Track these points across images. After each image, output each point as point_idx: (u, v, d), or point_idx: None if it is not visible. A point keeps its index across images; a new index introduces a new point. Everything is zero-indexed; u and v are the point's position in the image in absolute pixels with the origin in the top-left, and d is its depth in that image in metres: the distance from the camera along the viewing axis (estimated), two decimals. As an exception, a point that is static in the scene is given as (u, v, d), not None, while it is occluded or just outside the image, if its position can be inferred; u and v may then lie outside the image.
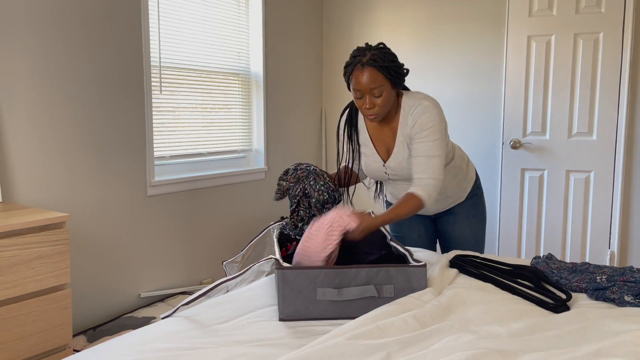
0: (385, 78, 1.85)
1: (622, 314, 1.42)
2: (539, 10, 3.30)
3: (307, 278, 1.48)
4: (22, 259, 1.98)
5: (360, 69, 1.84)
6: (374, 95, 1.86)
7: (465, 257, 1.91)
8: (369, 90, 1.85)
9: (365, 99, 1.88)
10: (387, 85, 1.86)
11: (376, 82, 1.84)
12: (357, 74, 1.85)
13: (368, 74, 1.83)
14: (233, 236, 3.57)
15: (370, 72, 1.83)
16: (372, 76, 1.83)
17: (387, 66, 1.83)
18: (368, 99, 1.87)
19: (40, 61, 2.44)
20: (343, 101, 4.21)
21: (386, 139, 2.03)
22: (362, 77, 1.84)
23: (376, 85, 1.84)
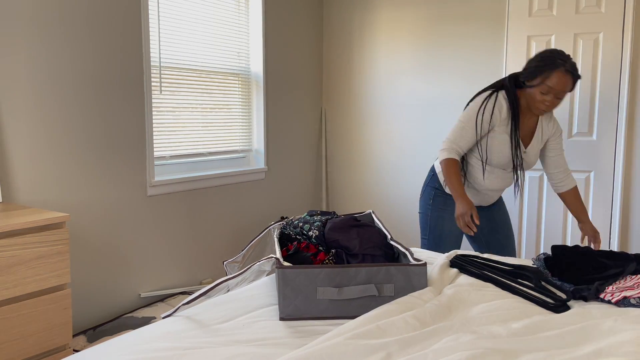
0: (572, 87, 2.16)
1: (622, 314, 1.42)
2: (539, 10, 3.30)
3: (307, 277, 1.48)
4: (22, 259, 1.98)
5: (566, 74, 2.11)
6: (558, 97, 2.15)
7: (466, 257, 1.91)
8: (559, 93, 2.14)
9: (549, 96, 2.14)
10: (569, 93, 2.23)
11: (568, 88, 2.14)
12: (562, 76, 2.11)
13: (568, 80, 2.12)
14: (233, 236, 3.57)
15: (569, 80, 2.13)
16: (569, 83, 2.13)
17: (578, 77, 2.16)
18: (551, 98, 2.15)
19: (40, 61, 2.44)
20: (343, 101, 4.22)
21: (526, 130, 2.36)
22: (567, 83, 2.12)
23: (567, 90, 2.14)
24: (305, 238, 1.88)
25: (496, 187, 2.43)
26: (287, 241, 1.94)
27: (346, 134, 4.23)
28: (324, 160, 4.32)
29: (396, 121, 3.98)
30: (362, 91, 4.12)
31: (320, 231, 1.86)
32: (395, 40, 3.93)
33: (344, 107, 4.22)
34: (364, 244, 1.79)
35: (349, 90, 4.19)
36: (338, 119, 4.26)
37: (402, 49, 3.90)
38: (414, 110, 3.90)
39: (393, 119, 3.99)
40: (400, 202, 4.02)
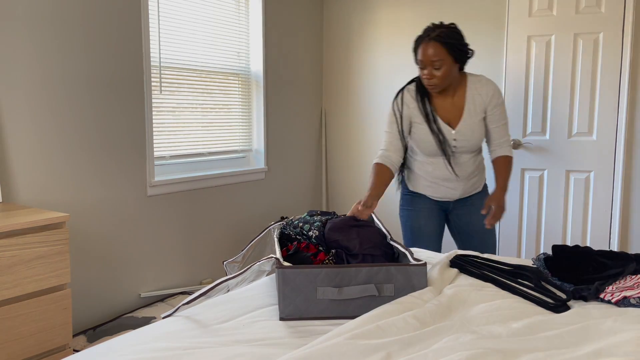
0: (447, 53, 2.10)
1: (622, 314, 1.42)
2: (539, 10, 3.30)
3: (307, 277, 1.48)
4: (22, 259, 1.98)
5: (426, 42, 2.11)
6: (434, 67, 2.11)
7: (466, 257, 1.91)
8: (431, 63, 2.10)
9: (426, 70, 2.14)
10: (449, 60, 2.11)
11: (438, 55, 2.09)
12: (424, 46, 2.12)
13: (432, 47, 2.09)
14: (233, 236, 3.57)
15: (435, 46, 2.09)
16: (435, 50, 2.09)
17: (451, 43, 2.09)
18: (428, 70, 2.12)
19: (41, 61, 2.44)
20: (343, 101, 4.22)
21: (450, 110, 2.26)
22: (427, 50, 2.10)
23: (437, 58, 2.11)
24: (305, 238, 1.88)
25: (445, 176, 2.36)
26: (287, 241, 1.94)
27: (346, 134, 4.23)
28: (324, 160, 4.32)
29: (396, 121, 3.98)
30: (362, 91, 4.11)
31: (320, 231, 1.86)
32: (395, 40, 3.92)
33: (344, 107, 4.22)
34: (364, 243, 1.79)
35: (349, 90, 4.19)
36: (338, 119, 4.26)
37: (402, 49, 3.90)
38: (414, 110, 3.90)
39: (393, 119, 3.99)
40: (400, 202, 4.02)
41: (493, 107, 2.27)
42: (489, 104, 2.26)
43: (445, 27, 2.13)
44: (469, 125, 2.26)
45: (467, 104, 2.25)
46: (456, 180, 2.35)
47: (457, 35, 2.13)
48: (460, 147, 2.28)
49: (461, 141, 2.27)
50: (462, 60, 2.17)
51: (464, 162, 2.33)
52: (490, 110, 2.27)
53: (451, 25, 2.14)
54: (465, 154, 2.32)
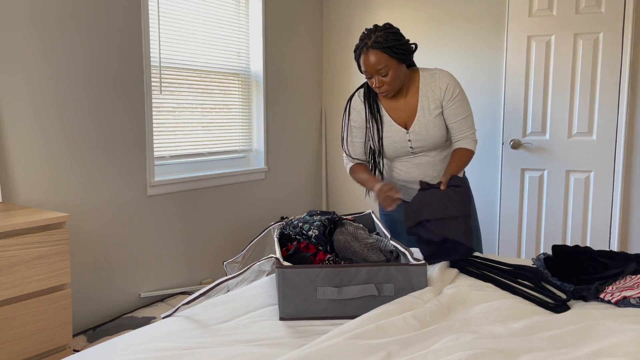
0: (389, 58, 2.00)
1: (622, 314, 1.42)
2: (539, 10, 3.30)
3: (307, 277, 1.48)
4: (22, 259, 1.98)
5: (365, 52, 2.00)
6: (381, 74, 2.02)
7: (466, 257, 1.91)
8: (376, 71, 2.01)
9: (374, 79, 2.04)
10: (393, 64, 2.01)
11: (381, 62, 1.99)
12: (364, 57, 2.01)
13: (373, 56, 1.99)
14: (233, 236, 3.57)
15: (375, 54, 1.99)
16: (376, 58, 1.99)
17: (390, 46, 1.98)
18: (376, 78, 2.03)
19: (40, 61, 2.44)
20: (343, 101, 4.21)
21: (404, 110, 2.17)
22: (368, 60, 2.00)
23: (381, 65, 1.99)
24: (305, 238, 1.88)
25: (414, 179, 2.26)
26: (287, 241, 1.93)
27: (346, 134, 4.22)
28: (324, 160, 4.32)
29: (396, 121, 3.98)
30: (362, 91, 4.11)
31: (320, 231, 1.85)
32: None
33: (344, 107, 4.22)
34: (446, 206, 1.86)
35: (349, 91, 4.19)
36: (338, 119, 4.26)
37: (402, 49, 3.89)
38: (414, 110, 3.90)
39: (393, 119, 3.99)
40: (400, 202, 4.02)
41: (448, 100, 2.11)
42: (443, 98, 2.11)
43: (380, 30, 2.01)
44: (423, 125, 2.13)
45: (420, 102, 2.13)
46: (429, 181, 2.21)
47: (394, 36, 2.01)
48: (418, 147, 2.17)
49: (417, 141, 2.16)
50: (406, 59, 2.05)
51: (428, 162, 2.22)
52: (446, 104, 2.11)
53: (385, 26, 2.03)
54: (428, 152, 2.20)
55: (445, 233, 1.86)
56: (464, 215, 1.91)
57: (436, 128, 2.14)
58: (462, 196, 1.93)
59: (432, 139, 2.15)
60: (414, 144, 2.16)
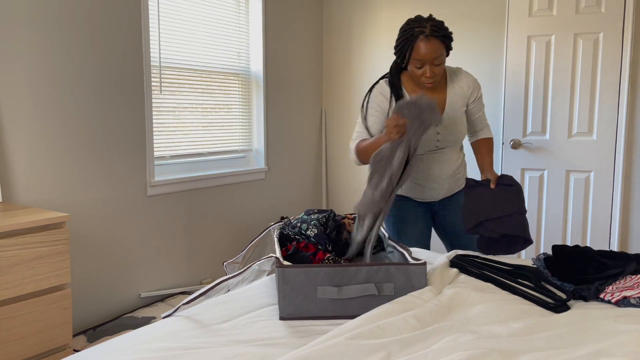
0: (444, 48, 2.01)
1: (622, 314, 1.42)
2: (539, 10, 3.30)
3: (307, 276, 1.48)
4: (22, 259, 1.98)
5: (424, 40, 1.96)
6: (434, 64, 2.00)
7: (466, 257, 1.91)
8: (432, 60, 1.99)
9: (426, 68, 2.01)
10: (444, 55, 2.03)
11: (438, 51, 1.98)
12: (421, 45, 1.97)
13: (433, 44, 1.96)
14: (233, 236, 3.57)
15: (434, 43, 1.97)
16: (435, 47, 1.97)
17: (446, 35, 1.99)
18: (429, 67, 2.00)
19: (41, 61, 2.44)
20: (343, 101, 4.22)
21: None
22: (427, 48, 1.96)
23: (438, 54, 1.98)
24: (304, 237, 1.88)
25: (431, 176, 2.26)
26: (287, 241, 1.94)
27: (346, 134, 4.23)
28: (324, 160, 4.32)
29: (396, 121, 3.98)
30: (362, 91, 4.11)
31: (319, 230, 1.86)
32: (395, 40, 3.92)
33: (344, 107, 4.22)
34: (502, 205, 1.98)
35: (349, 90, 4.19)
36: (338, 119, 4.26)
37: (402, 49, 3.89)
38: (414, 110, 3.90)
39: (393, 119, 3.99)
40: (400, 202, 4.02)
41: (474, 100, 2.23)
42: (470, 96, 2.22)
43: (431, 20, 2.01)
44: (452, 119, 2.18)
45: (448, 97, 2.17)
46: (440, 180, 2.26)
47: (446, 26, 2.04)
48: (444, 141, 2.20)
49: (445, 135, 2.19)
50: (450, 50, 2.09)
51: (448, 159, 2.25)
52: (472, 103, 2.23)
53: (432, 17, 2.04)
54: (449, 149, 2.25)
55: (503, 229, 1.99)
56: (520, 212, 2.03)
57: (462, 124, 2.21)
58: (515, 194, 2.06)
59: (458, 133, 2.21)
60: (441, 137, 2.19)
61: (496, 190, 2.06)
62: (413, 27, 1.99)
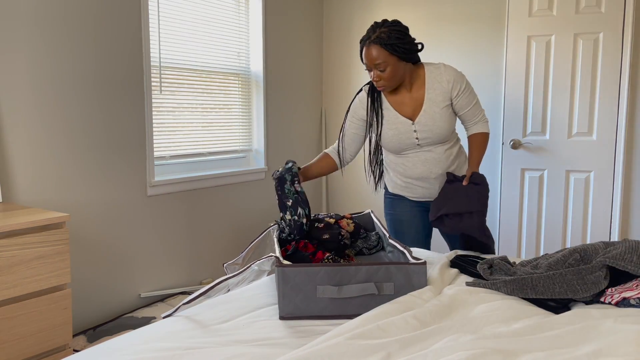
0: (389, 54, 2.04)
1: (622, 314, 1.42)
2: (539, 10, 3.30)
3: (307, 276, 1.48)
4: (22, 259, 1.98)
5: (367, 46, 2.05)
6: (379, 69, 2.06)
7: (466, 257, 1.91)
8: (374, 65, 2.06)
9: (372, 72, 2.08)
10: (392, 60, 2.05)
11: (379, 58, 2.03)
12: (365, 50, 2.06)
13: (373, 50, 2.04)
14: (233, 236, 3.57)
15: (375, 49, 2.04)
16: (375, 53, 2.04)
17: (392, 44, 2.02)
18: (374, 72, 2.08)
19: (41, 61, 2.44)
20: (343, 101, 4.22)
21: (410, 104, 2.20)
22: (369, 53, 2.06)
23: (380, 61, 2.04)
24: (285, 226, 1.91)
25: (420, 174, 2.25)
26: (286, 242, 1.94)
27: (346, 134, 4.23)
28: (324, 160, 4.32)
29: (396, 121, 3.98)
30: (362, 91, 4.11)
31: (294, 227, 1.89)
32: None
33: (344, 107, 4.22)
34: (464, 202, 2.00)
35: (349, 90, 4.19)
36: (338, 119, 4.26)
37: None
38: (414, 110, 3.90)
39: (393, 119, 3.99)
40: (400, 202, 4.02)
41: (458, 93, 2.17)
42: (451, 90, 2.17)
43: (386, 26, 2.04)
44: (430, 115, 2.16)
45: (427, 94, 2.17)
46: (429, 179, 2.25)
47: (397, 34, 2.03)
48: (423, 138, 2.18)
49: (423, 132, 2.17)
50: (408, 57, 2.07)
51: (435, 159, 2.22)
52: (456, 97, 2.18)
53: (393, 23, 2.06)
54: (434, 146, 2.21)
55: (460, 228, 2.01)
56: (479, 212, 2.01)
57: (442, 119, 2.17)
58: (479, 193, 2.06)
59: (437, 130, 2.18)
60: (419, 134, 2.18)
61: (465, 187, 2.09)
62: (367, 31, 2.08)
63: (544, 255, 1.80)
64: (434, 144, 2.21)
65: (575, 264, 1.62)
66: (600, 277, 1.54)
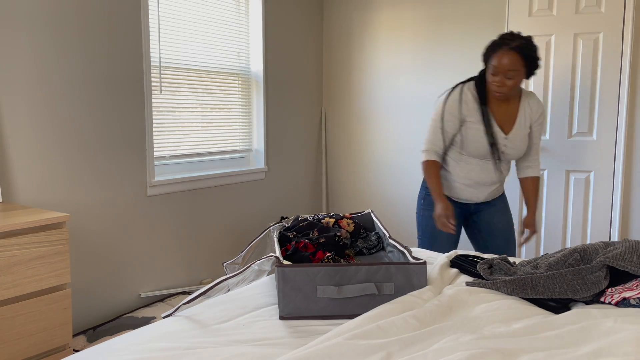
0: (523, 65, 2.11)
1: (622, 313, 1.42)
2: (539, 10, 3.30)
3: (307, 276, 1.48)
4: (22, 259, 1.98)
5: (506, 51, 2.11)
6: (507, 77, 2.12)
7: (466, 257, 1.91)
8: (505, 72, 2.11)
9: (498, 77, 2.14)
10: (522, 72, 2.14)
11: (515, 66, 2.11)
12: (502, 53, 2.12)
13: (511, 57, 2.10)
14: (233, 236, 3.57)
15: (514, 57, 2.10)
16: (514, 60, 2.10)
17: (530, 55, 2.10)
18: (500, 77, 2.13)
19: (41, 61, 2.44)
20: (343, 101, 4.22)
21: (506, 118, 2.28)
22: (505, 59, 2.10)
23: (514, 69, 2.10)
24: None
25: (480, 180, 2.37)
26: (286, 242, 1.94)
27: (346, 134, 4.23)
28: (324, 160, 4.32)
29: (396, 121, 3.98)
30: (362, 91, 4.11)
31: None
32: (395, 40, 3.92)
33: (344, 107, 4.22)
34: None
35: (349, 90, 4.19)
36: (338, 119, 4.26)
37: (402, 49, 3.90)
38: (414, 110, 3.90)
39: (393, 118, 3.99)
40: (400, 201, 4.02)
41: (538, 124, 2.34)
42: (536, 120, 2.32)
43: (525, 38, 2.13)
44: (519, 135, 2.31)
45: (519, 114, 2.30)
46: (488, 185, 2.39)
47: (535, 49, 2.14)
48: (507, 153, 2.32)
49: (510, 148, 2.31)
50: (532, 73, 2.19)
51: (500, 169, 2.38)
52: (535, 126, 2.34)
53: (529, 37, 2.15)
54: (507, 161, 2.39)
55: None
56: None
57: (524, 143, 2.33)
58: None
59: (521, 148, 2.33)
60: (506, 149, 2.29)
61: None
62: (503, 38, 2.13)
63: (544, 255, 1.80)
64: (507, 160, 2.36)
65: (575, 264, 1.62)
66: (600, 277, 1.54)
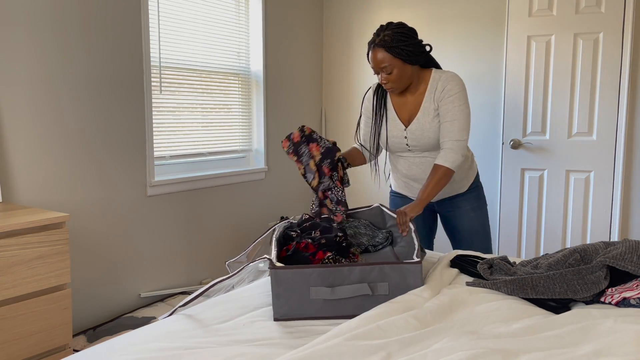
0: (393, 57, 2.02)
1: (622, 313, 1.42)
2: (539, 10, 3.30)
3: (301, 277, 1.47)
4: (22, 259, 1.98)
5: (373, 49, 2.05)
6: (385, 72, 2.05)
7: (466, 258, 1.91)
8: (380, 69, 2.05)
9: (380, 74, 2.09)
10: (397, 63, 2.03)
11: (385, 61, 2.02)
12: (371, 53, 2.06)
13: (378, 53, 2.03)
14: (233, 236, 3.57)
15: (380, 52, 2.03)
16: (380, 56, 2.03)
17: (395, 46, 2.00)
18: (381, 75, 2.08)
19: (41, 61, 2.44)
20: (343, 101, 4.22)
21: (409, 108, 2.19)
22: (374, 56, 2.05)
23: (385, 64, 2.03)
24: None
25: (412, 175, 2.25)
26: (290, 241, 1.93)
27: (346, 134, 4.23)
28: (324, 160, 4.31)
29: (396, 121, 3.98)
30: (362, 91, 4.11)
31: None
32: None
33: (344, 107, 4.22)
34: None
35: (349, 91, 4.19)
36: (338, 119, 4.26)
37: (402, 49, 3.89)
38: (414, 110, 3.90)
39: (393, 119, 3.99)
40: (400, 202, 4.02)
41: (443, 99, 2.06)
42: (441, 97, 2.07)
43: (390, 29, 2.01)
44: (421, 125, 2.12)
45: (424, 102, 2.12)
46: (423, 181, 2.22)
47: (401, 37, 2.00)
48: (413, 145, 2.17)
49: (413, 140, 2.16)
50: (413, 60, 2.03)
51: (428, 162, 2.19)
52: (440, 102, 2.07)
53: (397, 25, 2.02)
54: (425, 152, 2.18)
55: None
56: None
57: (431, 130, 2.11)
58: None
59: (426, 140, 2.13)
60: (410, 142, 2.18)
61: None
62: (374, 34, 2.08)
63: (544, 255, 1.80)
64: (426, 151, 2.18)
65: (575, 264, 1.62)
66: (600, 277, 1.54)
